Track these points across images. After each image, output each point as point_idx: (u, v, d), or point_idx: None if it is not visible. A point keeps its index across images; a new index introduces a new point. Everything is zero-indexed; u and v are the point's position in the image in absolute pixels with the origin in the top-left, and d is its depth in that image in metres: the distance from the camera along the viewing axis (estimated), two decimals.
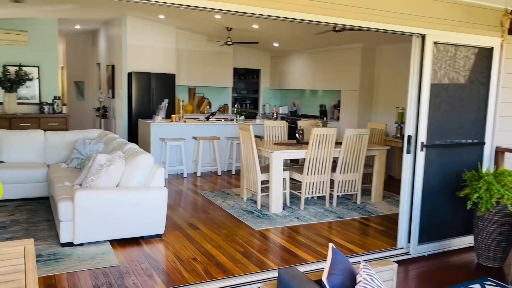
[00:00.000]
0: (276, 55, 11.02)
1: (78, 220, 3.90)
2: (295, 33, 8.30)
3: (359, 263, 2.08)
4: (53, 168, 5.57)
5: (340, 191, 5.74)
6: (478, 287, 3.46)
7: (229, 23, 8.23)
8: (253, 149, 5.37)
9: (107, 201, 3.99)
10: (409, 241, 4.22)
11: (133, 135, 8.82)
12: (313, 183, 5.53)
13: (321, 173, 5.54)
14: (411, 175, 4.14)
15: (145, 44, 9.01)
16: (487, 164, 4.43)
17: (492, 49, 4.31)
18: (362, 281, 1.93)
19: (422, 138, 4.06)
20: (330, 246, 2.27)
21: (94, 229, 3.97)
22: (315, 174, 5.49)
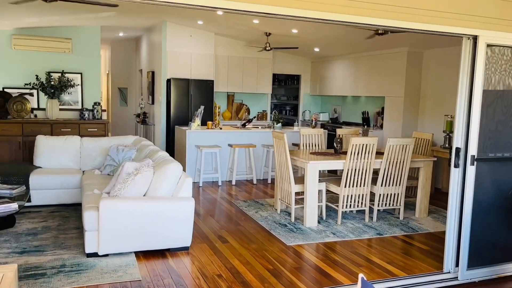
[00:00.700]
0: (317, 60, 10.71)
1: (102, 230, 3.80)
2: (337, 38, 7.98)
3: None
4: (87, 174, 5.57)
5: (381, 205, 5.35)
6: None
7: (268, 28, 8.04)
8: (287, 158, 5.11)
9: (132, 211, 3.86)
10: (457, 265, 3.80)
11: (171, 141, 8.80)
12: (352, 196, 5.19)
13: (360, 186, 5.18)
14: (460, 191, 3.72)
15: (184, 50, 8.98)
16: None
17: None
18: None
19: (472, 151, 3.64)
20: (360, 277, 1.98)
21: (119, 240, 3.85)
22: (353, 186, 5.15)
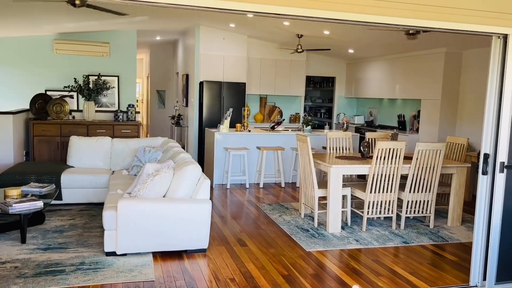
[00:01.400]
0: (352, 62, 10.48)
1: (120, 230, 3.86)
2: (372, 39, 7.76)
3: None
4: (116, 174, 5.71)
5: (409, 212, 5.14)
6: None
7: (299, 30, 7.94)
8: (310, 162, 5.01)
9: (149, 212, 3.91)
10: (484, 278, 3.56)
11: (203, 143, 8.88)
12: (378, 202, 5.01)
13: (387, 192, 5.00)
14: (489, 200, 3.49)
15: (217, 53, 9.05)
16: None
17: None
18: None
19: (502, 157, 3.41)
20: None
21: (136, 240, 3.91)
22: (379, 192, 4.97)
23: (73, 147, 6.14)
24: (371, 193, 4.94)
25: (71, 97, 8.78)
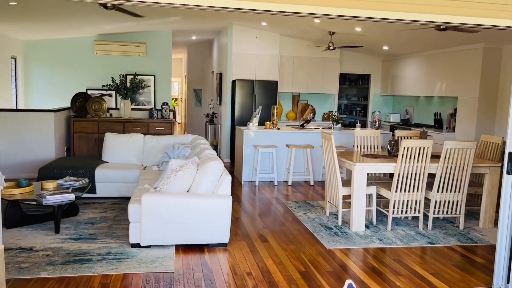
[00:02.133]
0: (387, 59, 10.27)
1: (144, 222, 4.02)
2: (406, 35, 7.58)
3: None
4: (147, 170, 5.92)
5: (437, 213, 5.00)
6: None
7: (331, 27, 7.89)
8: (334, 160, 4.99)
9: (171, 206, 4.04)
10: (508, 281, 3.44)
11: (234, 141, 9.01)
12: (404, 201, 4.91)
13: (414, 191, 4.89)
14: None
15: (249, 52, 9.14)
16: None
17: None
18: None
19: None
20: (347, 283, 1.90)
21: (159, 233, 4.05)
22: (405, 191, 4.87)
23: (107, 144, 6.42)
24: (396, 192, 4.86)
25: (110, 95, 9.16)
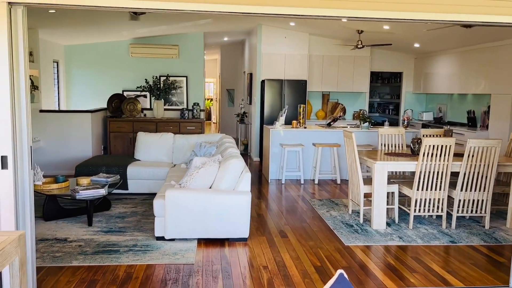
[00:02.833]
0: (420, 57, 10.09)
1: (168, 217, 4.25)
2: (437, 32, 7.46)
3: None
4: (176, 167, 6.17)
5: (462, 212, 4.95)
6: None
7: (359, 26, 7.88)
8: (355, 158, 5.03)
9: (193, 202, 4.24)
10: None
11: (263, 140, 9.16)
12: (426, 200, 4.89)
13: (436, 189, 4.86)
14: None
15: (278, 51, 9.26)
16: None
17: None
18: None
19: None
20: (338, 273, 1.99)
21: (182, 227, 4.26)
22: (427, 190, 4.85)
23: (139, 142, 6.73)
24: (418, 190, 4.85)
25: (145, 96, 9.52)
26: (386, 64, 10.28)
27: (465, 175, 4.84)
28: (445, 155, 4.75)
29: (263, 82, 9.16)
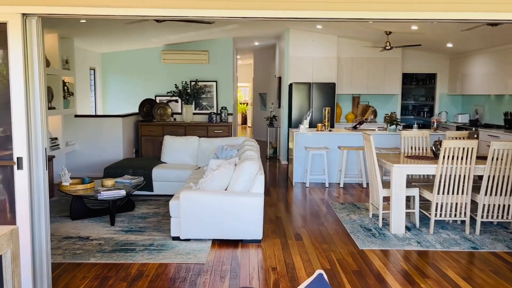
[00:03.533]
0: (456, 57, 9.75)
1: (182, 217, 4.36)
2: (470, 31, 7.19)
3: None
4: (199, 170, 6.31)
5: (487, 217, 4.75)
6: None
7: (387, 27, 7.74)
8: (374, 161, 4.95)
9: (206, 203, 4.33)
10: None
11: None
12: (447, 204, 4.74)
13: (458, 193, 4.70)
14: None
15: (306, 55, 9.24)
16: None
17: None
18: None
19: None
20: (317, 273, 2.00)
21: (196, 227, 4.36)
22: (449, 193, 4.70)
23: (166, 145, 6.93)
24: (438, 194, 4.70)
25: (176, 101, 9.77)
26: (419, 65, 10.01)
27: (489, 179, 4.65)
28: (466, 158, 4.59)
29: (290, 85, 9.17)
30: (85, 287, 3.45)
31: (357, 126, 7.63)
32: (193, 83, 9.42)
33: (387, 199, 5.09)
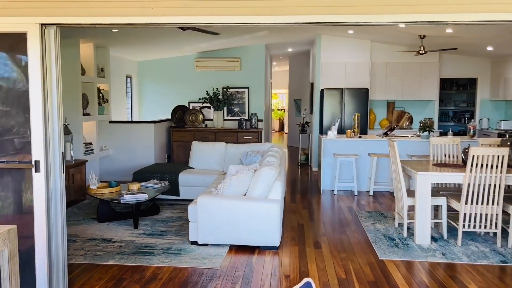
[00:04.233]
0: (498, 60, 9.29)
1: (200, 222, 4.40)
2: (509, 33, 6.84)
3: None
4: (223, 175, 6.34)
5: None
6: None
7: (421, 31, 7.50)
8: (398, 168, 4.79)
9: (223, 208, 4.35)
10: None
11: None
12: (477, 214, 4.50)
13: (488, 204, 4.45)
14: None
15: (338, 60, 9.12)
16: None
17: None
18: None
19: None
20: (304, 281, 1.95)
21: (213, 232, 4.38)
22: (478, 203, 4.46)
23: (194, 151, 7.04)
24: (466, 204, 4.47)
25: (209, 108, 9.91)
26: (458, 69, 9.62)
27: None
28: (497, 167, 4.34)
29: (322, 91, 9.07)
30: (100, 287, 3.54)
31: (388, 132, 7.42)
32: (224, 90, 9.51)
33: (412, 208, 4.90)
